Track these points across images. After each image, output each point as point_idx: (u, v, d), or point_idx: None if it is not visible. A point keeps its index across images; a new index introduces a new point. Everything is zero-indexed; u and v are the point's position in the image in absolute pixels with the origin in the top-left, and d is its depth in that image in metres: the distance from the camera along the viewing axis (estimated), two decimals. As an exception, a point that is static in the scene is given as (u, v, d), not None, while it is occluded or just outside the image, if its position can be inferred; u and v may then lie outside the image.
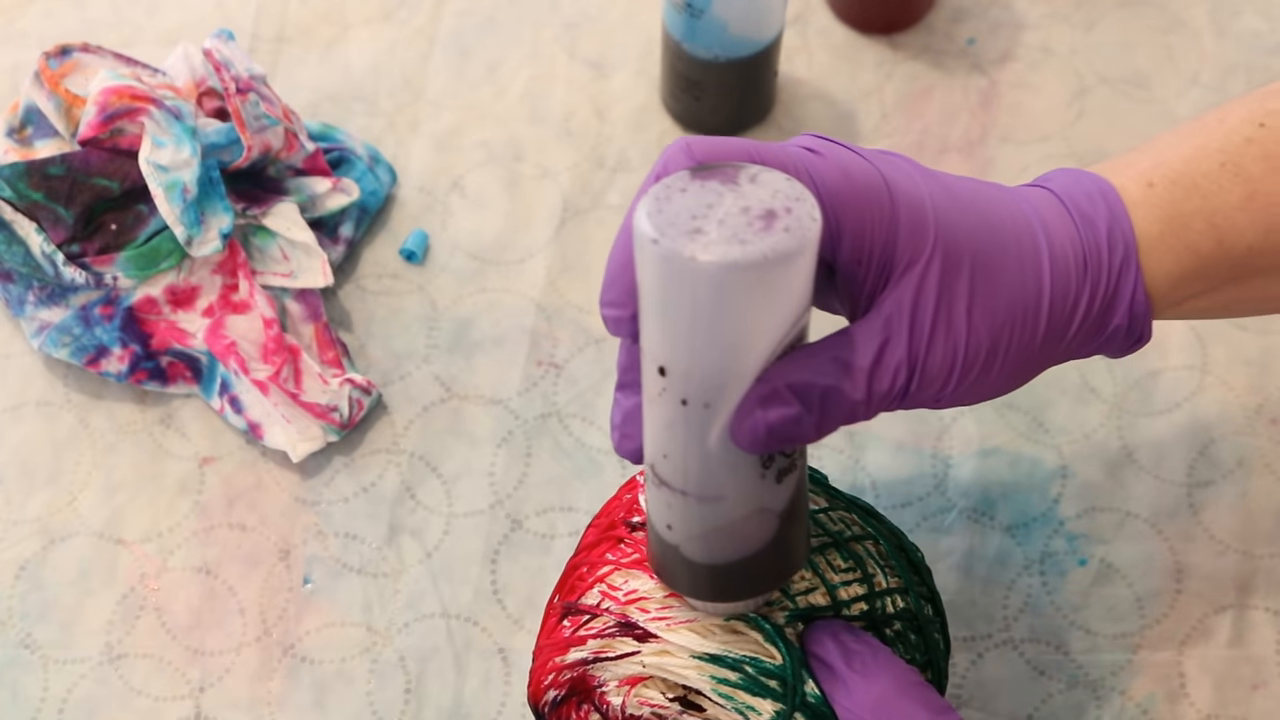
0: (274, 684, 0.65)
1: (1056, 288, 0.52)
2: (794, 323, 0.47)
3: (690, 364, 0.47)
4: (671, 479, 0.50)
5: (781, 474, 0.50)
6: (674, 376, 0.47)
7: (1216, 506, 0.67)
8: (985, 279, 0.52)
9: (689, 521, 0.51)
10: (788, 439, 0.49)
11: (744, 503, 0.50)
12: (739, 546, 0.51)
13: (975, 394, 0.53)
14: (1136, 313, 0.53)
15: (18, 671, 0.66)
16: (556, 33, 0.79)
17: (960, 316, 0.51)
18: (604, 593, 0.55)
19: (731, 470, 0.49)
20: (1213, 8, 0.79)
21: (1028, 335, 0.52)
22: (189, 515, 0.68)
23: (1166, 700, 0.64)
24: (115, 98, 0.69)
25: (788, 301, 0.46)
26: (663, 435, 0.49)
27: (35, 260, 0.69)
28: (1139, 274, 0.53)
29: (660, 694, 0.54)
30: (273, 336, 0.69)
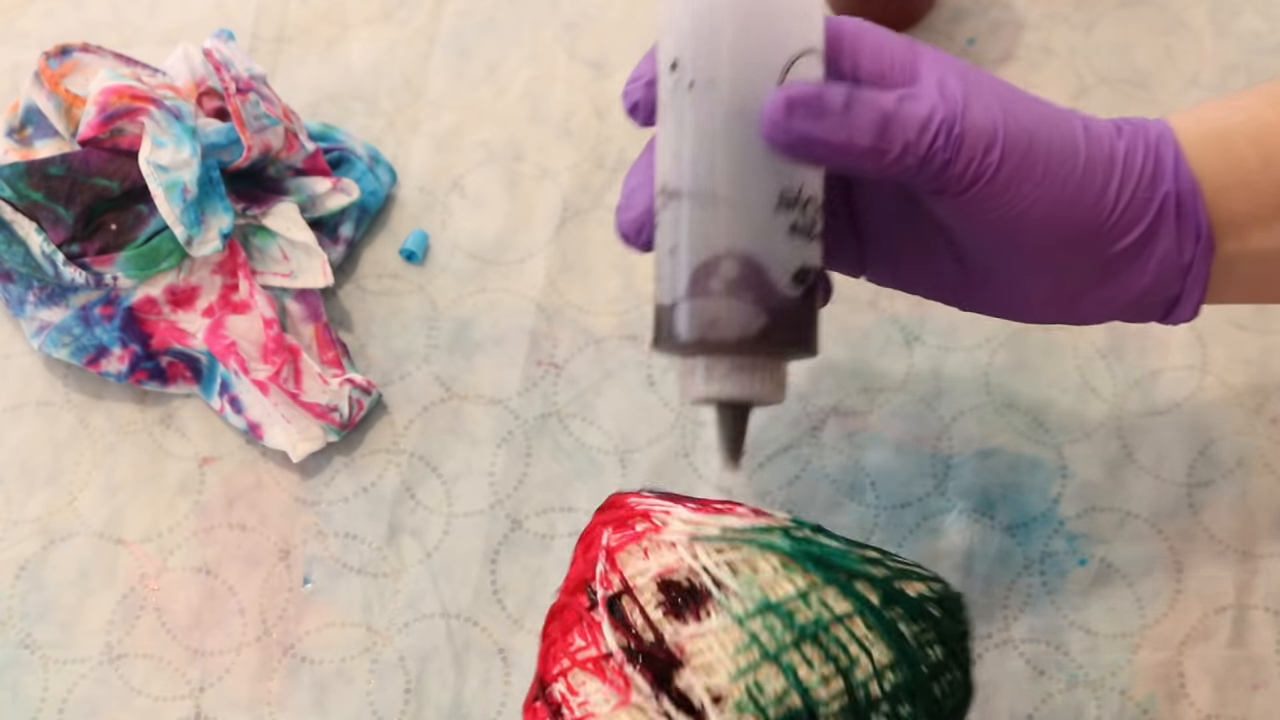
0: (274, 684, 0.65)
1: (1091, 129, 0.53)
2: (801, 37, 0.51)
3: (697, 40, 0.50)
4: (678, 181, 0.51)
5: (796, 229, 0.51)
6: (683, 64, 0.50)
7: (1216, 506, 0.67)
8: (1014, 98, 0.52)
9: (687, 229, 0.50)
10: (812, 118, 0.49)
11: (746, 222, 0.50)
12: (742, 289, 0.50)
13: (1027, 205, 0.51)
14: (1184, 187, 0.53)
15: (18, 671, 0.66)
16: (556, 33, 0.79)
17: (993, 100, 0.51)
18: (564, 694, 0.53)
19: (739, 170, 0.50)
20: (1213, 8, 0.79)
21: (1068, 145, 0.52)
22: (189, 515, 0.68)
23: (1166, 700, 0.64)
24: (115, 98, 0.69)
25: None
26: (676, 135, 0.51)
27: (35, 260, 0.69)
28: (1179, 151, 0.53)
29: None
30: (273, 336, 0.69)
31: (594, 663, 0.53)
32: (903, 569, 0.55)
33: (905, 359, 0.71)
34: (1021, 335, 0.71)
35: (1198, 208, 0.53)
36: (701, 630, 0.52)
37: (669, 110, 0.51)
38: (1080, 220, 0.52)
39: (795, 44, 0.51)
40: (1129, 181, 0.52)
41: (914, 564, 0.56)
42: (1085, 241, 0.53)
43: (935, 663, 0.54)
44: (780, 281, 0.50)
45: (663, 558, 0.54)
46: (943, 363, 0.70)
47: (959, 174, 0.51)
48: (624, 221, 0.54)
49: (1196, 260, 0.54)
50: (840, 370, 0.70)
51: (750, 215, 0.50)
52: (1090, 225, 0.52)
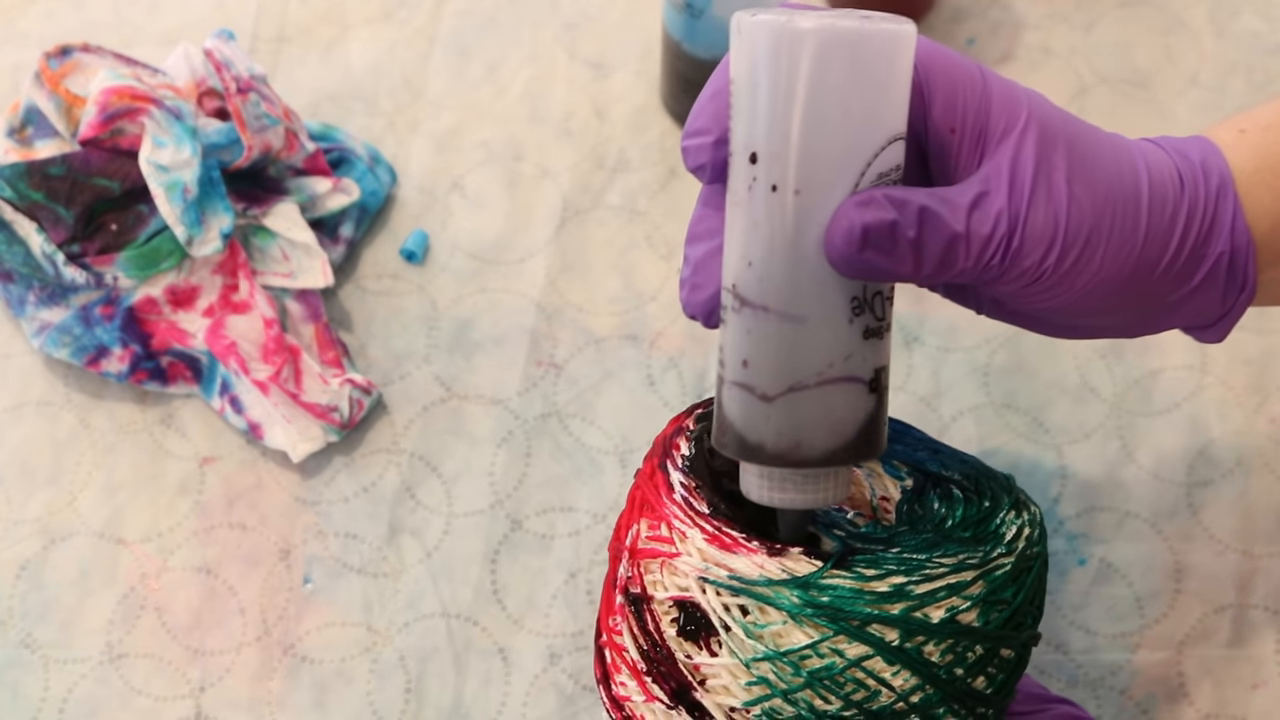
0: (274, 684, 0.65)
1: (1154, 186, 0.51)
2: (888, 129, 0.47)
3: (783, 142, 0.47)
4: (754, 293, 0.48)
5: (869, 332, 0.49)
6: (764, 161, 0.47)
7: (1216, 506, 0.68)
8: (1082, 158, 0.51)
9: (767, 348, 0.48)
10: (884, 251, 0.47)
11: (827, 339, 0.48)
12: (817, 403, 0.48)
13: (1084, 285, 0.51)
14: (1238, 244, 0.52)
15: (18, 671, 0.66)
16: (556, 33, 0.79)
17: (1060, 184, 0.50)
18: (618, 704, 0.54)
19: (819, 286, 0.48)
20: (1212, 8, 0.79)
21: (1129, 224, 0.51)
22: (189, 515, 0.68)
23: (1166, 700, 0.64)
24: (115, 98, 0.69)
25: (881, 91, 0.47)
26: (749, 238, 0.48)
27: (35, 260, 0.69)
28: (1238, 203, 0.52)
29: None
30: (273, 336, 0.69)
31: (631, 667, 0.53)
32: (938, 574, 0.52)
33: (905, 359, 0.71)
34: (1021, 335, 0.71)
35: (1249, 264, 0.52)
36: (712, 662, 0.51)
37: (742, 204, 0.48)
38: (1134, 293, 0.52)
39: (881, 137, 0.48)
40: (1185, 246, 0.52)
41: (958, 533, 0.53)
42: (1136, 305, 0.52)
43: (973, 662, 0.52)
44: (859, 392, 0.49)
45: (678, 581, 0.52)
46: (942, 363, 0.70)
47: (1015, 279, 0.50)
48: (694, 303, 0.51)
49: (1237, 305, 0.53)
50: (840, 370, 0.70)
51: (833, 335, 0.48)
52: (1143, 294, 0.52)
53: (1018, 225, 0.49)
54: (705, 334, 0.71)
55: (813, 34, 0.46)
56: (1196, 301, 0.53)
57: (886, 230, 0.47)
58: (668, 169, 0.75)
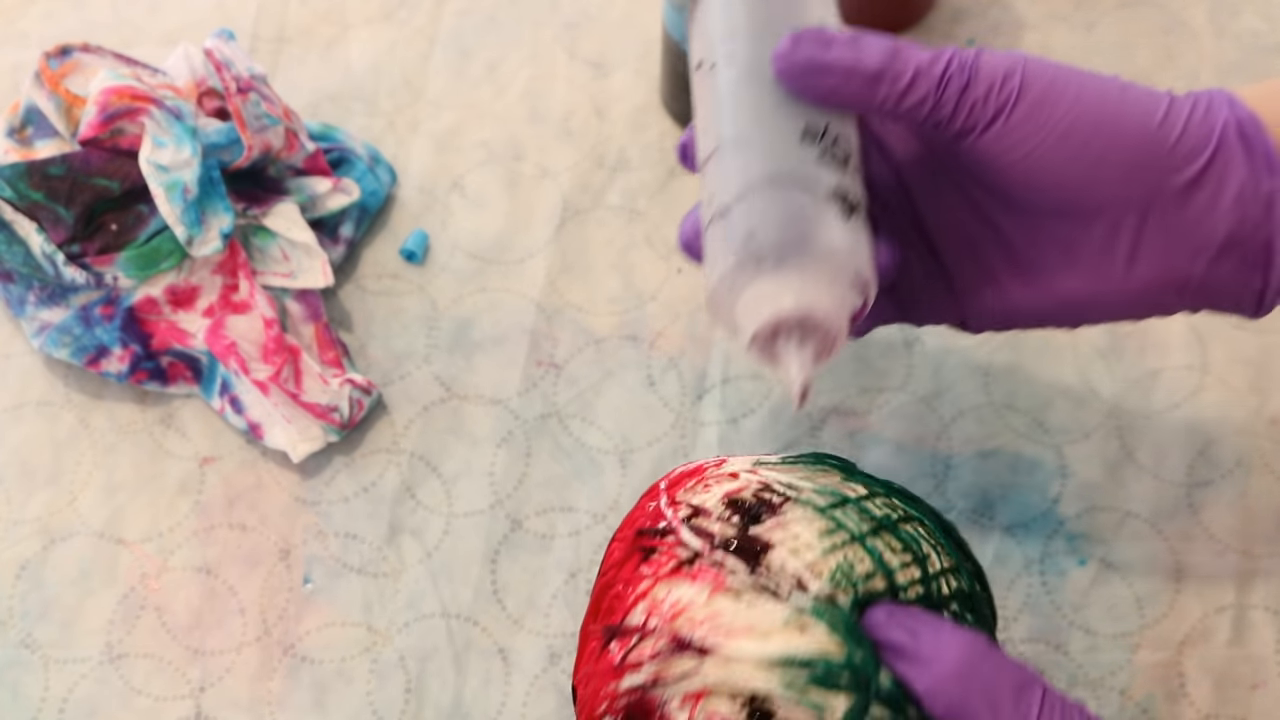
0: (274, 684, 0.65)
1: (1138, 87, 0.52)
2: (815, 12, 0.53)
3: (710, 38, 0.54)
4: (708, 145, 0.53)
5: (824, 155, 0.51)
6: (706, 57, 0.54)
7: (1216, 506, 0.68)
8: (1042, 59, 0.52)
9: (721, 174, 0.52)
10: (820, 47, 0.50)
11: (769, 149, 0.51)
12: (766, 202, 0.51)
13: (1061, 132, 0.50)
14: (1243, 115, 0.51)
15: (18, 671, 0.66)
16: (556, 33, 0.79)
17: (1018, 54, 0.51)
18: (648, 610, 0.53)
19: (760, 114, 0.52)
20: (1212, 8, 0.79)
21: (1104, 80, 0.51)
22: (189, 515, 0.68)
23: (1166, 700, 0.64)
24: (115, 98, 0.69)
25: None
26: (701, 114, 0.54)
27: (35, 260, 0.69)
28: (1234, 97, 0.52)
29: (728, 705, 0.51)
30: (273, 337, 0.69)
31: (674, 573, 0.53)
32: None
33: (905, 359, 0.71)
34: (1021, 335, 0.71)
35: (1264, 136, 0.51)
36: (783, 521, 0.52)
37: (700, 104, 0.54)
38: (1132, 143, 0.50)
39: (809, 18, 0.53)
40: (1179, 110, 0.51)
41: None
42: (1145, 168, 0.51)
43: (985, 585, 0.56)
44: (817, 195, 0.51)
45: (725, 485, 0.54)
46: (942, 363, 0.70)
47: (981, 99, 0.50)
48: (683, 231, 0.55)
49: (1276, 193, 0.51)
50: (840, 370, 0.70)
51: (777, 142, 0.52)
52: (1145, 149, 0.50)
53: (970, 56, 0.51)
54: (705, 334, 0.71)
55: None
56: (1229, 179, 0.51)
57: (816, 32, 0.51)
58: (668, 169, 0.75)
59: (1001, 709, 0.50)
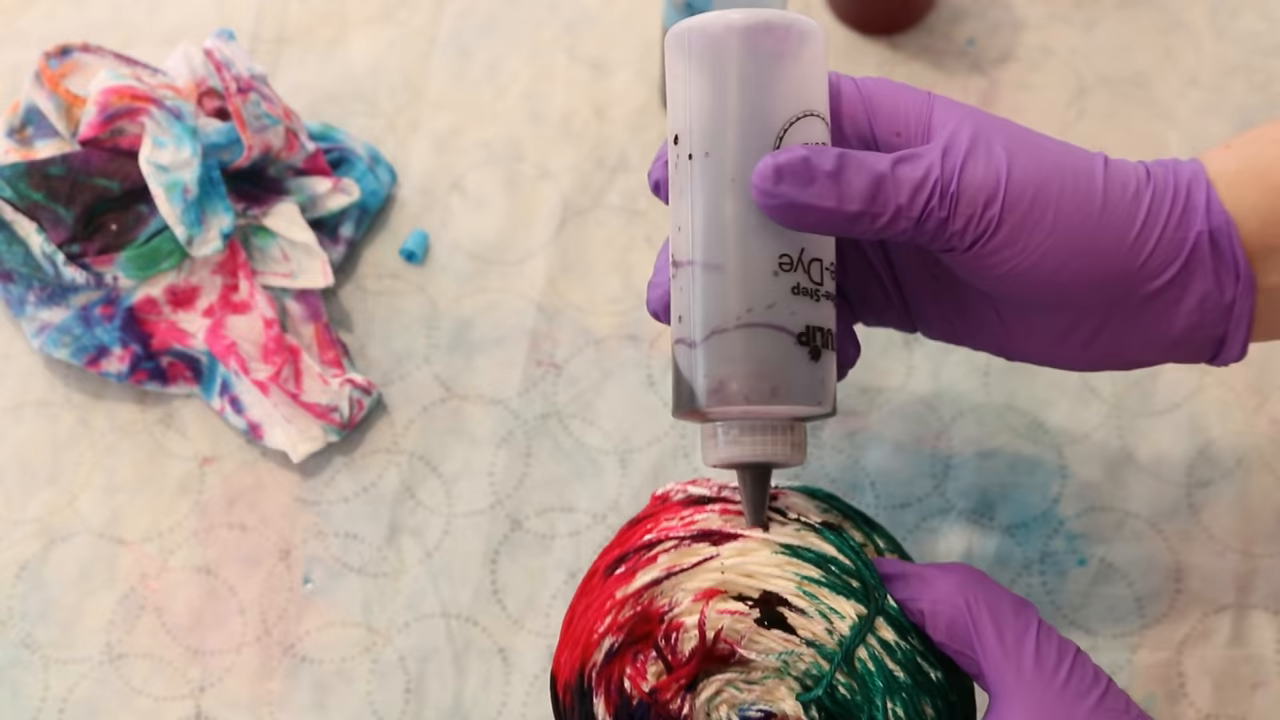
0: (274, 684, 0.65)
1: (1112, 172, 0.52)
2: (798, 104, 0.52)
3: (693, 116, 0.52)
4: (682, 252, 0.53)
5: (800, 290, 0.52)
6: (683, 136, 0.52)
7: (1216, 506, 0.67)
8: (1025, 141, 0.52)
9: (693, 297, 0.52)
10: (801, 185, 0.50)
11: (746, 285, 0.52)
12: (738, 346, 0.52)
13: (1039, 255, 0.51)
14: (1216, 223, 0.52)
15: (18, 671, 0.66)
16: (556, 33, 0.79)
17: (999, 152, 0.51)
18: (661, 531, 0.54)
19: (738, 238, 0.52)
20: (1212, 8, 0.79)
21: (1084, 193, 0.51)
22: (189, 515, 0.68)
23: (1166, 700, 0.64)
24: (115, 98, 0.69)
25: (780, 64, 0.52)
26: (677, 206, 0.53)
27: (35, 260, 0.69)
28: (1211, 191, 0.52)
29: (740, 604, 0.52)
30: (273, 337, 0.69)
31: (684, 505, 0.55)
32: None
33: (905, 359, 0.71)
34: (1021, 335, 0.71)
35: (1234, 245, 0.52)
36: (781, 493, 0.55)
37: (674, 183, 0.53)
38: (1105, 264, 0.52)
39: (790, 108, 0.52)
40: (1155, 222, 0.52)
41: None
42: (1115, 285, 0.52)
43: None
44: (785, 342, 0.52)
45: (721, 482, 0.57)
46: (942, 363, 0.70)
47: (959, 231, 0.51)
48: (652, 299, 0.55)
49: (1239, 299, 0.52)
50: (840, 370, 0.70)
51: (751, 281, 0.52)
52: (1117, 268, 0.52)
53: (953, 176, 0.51)
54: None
55: (708, 24, 0.52)
56: (1193, 290, 0.52)
57: (799, 164, 0.50)
58: (668, 169, 0.75)
59: (1003, 622, 0.52)
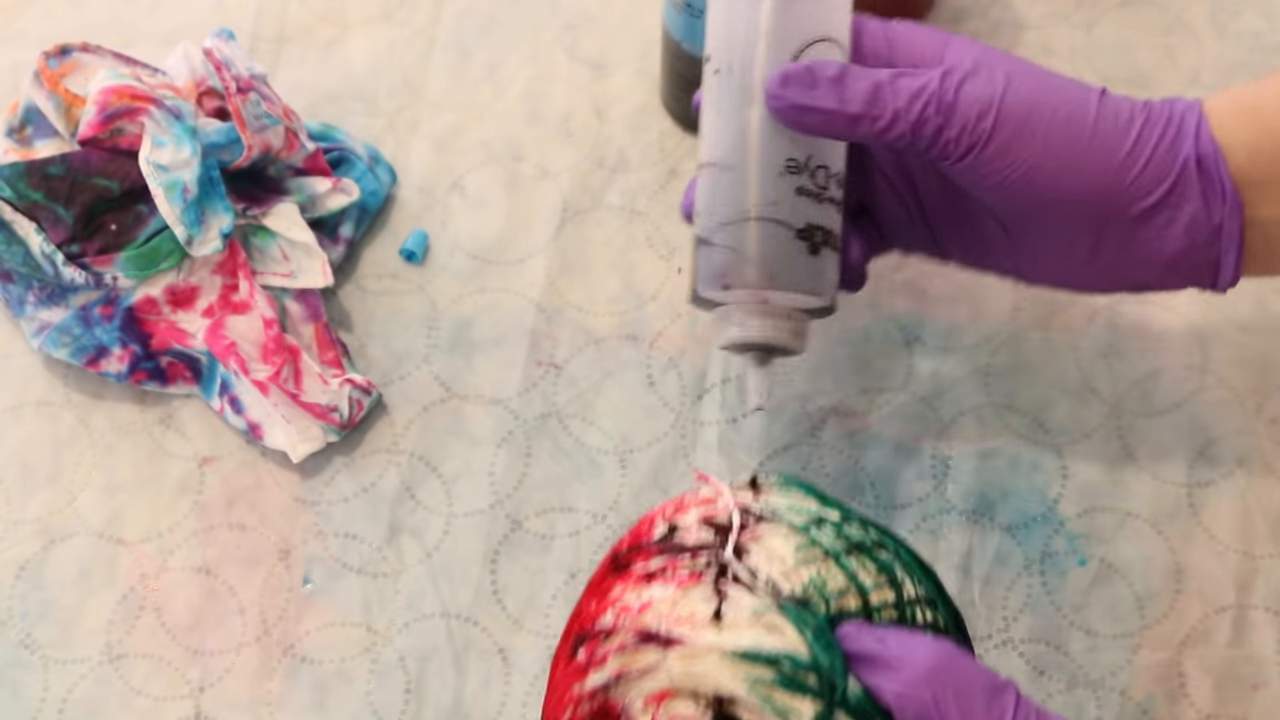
0: (274, 684, 0.65)
1: (1106, 102, 0.56)
2: (813, 29, 0.57)
3: (719, 37, 0.58)
4: (705, 153, 0.58)
5: (803, 191, 0.57)
6: (712, 57, 0.58)
7: (1216, 506, 0.67)
8: (1028, 70, 0.56)
9: (707, 194, 0.58)
10: (805, 88, 0.55)
11: (753, 184, 0.57)
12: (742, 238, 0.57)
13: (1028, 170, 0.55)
14: (1205, 149, 0.55)
15: (18, 671, 0.66)
16: (556, 33, 0.79)
17: (999, 75, 0.56)
18: (618, 613, 0.53)
19: (750, 142, 0.57)
20: (1213, 8, 0.79)
21: (1076, 116, 0.55)
22: (189, 515, 0.68)
23: (1166, 700, 0.64)
24: (115, 97, 0.69)
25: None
26: (704, 115, 0.59)
27: (35, 260, 0.69)
28: (1203, 120, 0.55)
29: (692, 706, 0.50)
30: (273, 337, 0.69)
31: (646, 578, 0.53)
32: None
33: (905, 359, 0.71)
34: (1021, 335, 0.71)
35: (1220, 169, 0.55)
36: (758, 535, 0.53)
37: (705, 97, 0.59)
38: (1095, 178, 0.55)
39: (808, 32, 0.57)
40: (1146, 143, 0.55)
41: None
42: (1106, 199, 0.55)
43: (963, 628, 0.55)
44: (785, 236, 0.57)
45: (703, 508, 0.55)
46: (942, 363, 0.70)
47: (954, 139, 0.55)
48: (685, 203, 0.61)
49: (1226, 220, 0.55)
50: (840, 370, 0.70)
51: (759, 179, 0.57)
52: (1107, 183, 0.55)
53: (951, 89, 0.55)
54: (705, 334, 0.71)
55: None
56: (1182, 209, 0.55)
57: (804, 71, 0.55)
58: (668, 169, 0.75)
59: (974, 713, 0.49)
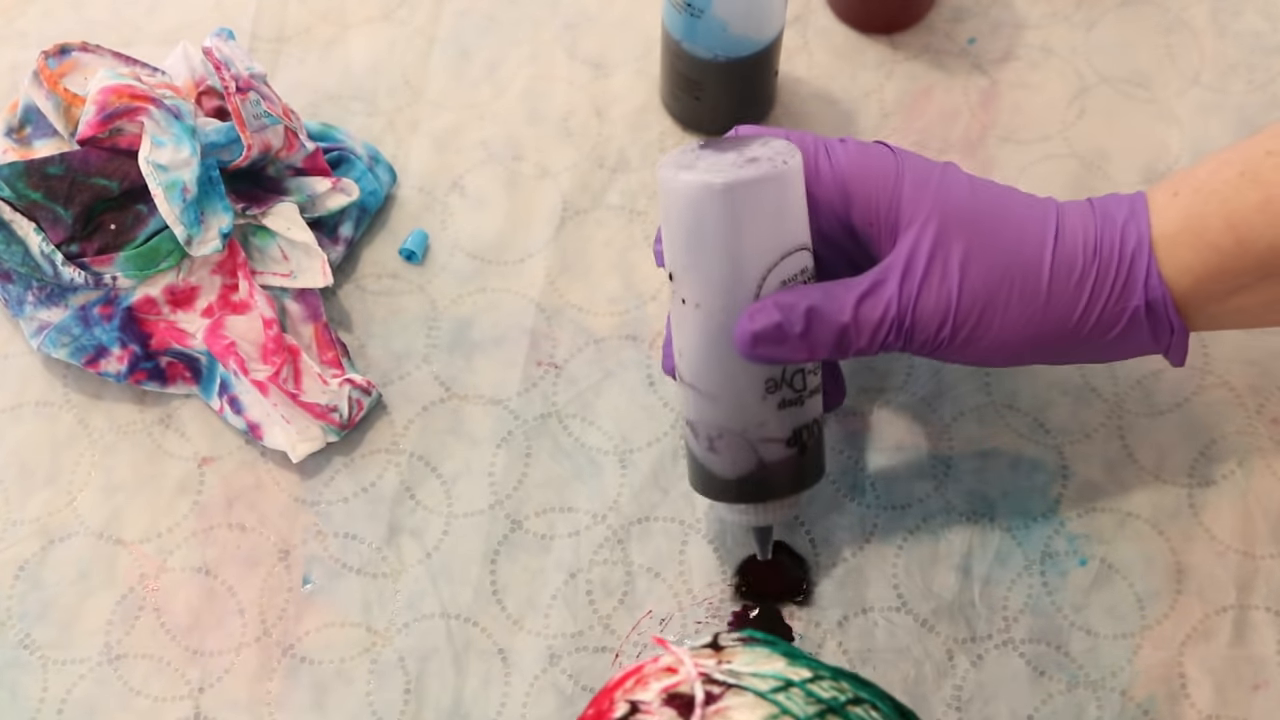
0: (273, 684, 0.65)
1: (1060, 257, 0.58)
2: (780, 245, 0.58)
3: (681, 268, 0.59)
4: (684, 373, 0.61)
5: (786, 403, 0.60)
6: (676, 280, 0.59)
7: (1217, 507, 0.67)
8: (982, 241, 0.58)
9: (695, 413, 0.61)
10: (775, 346, 0.58)
11: (740, 412, 0.60)
12: (747, 458, 0.61)
13: (986, 349, 0.59)
14: (1153, 297, 0.58)
15: (17, 672, 0.65)
16: (556, 33, 0.79)
17: (954, 268, 0.58)
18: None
19: (729, 374, 0.59)
20: (1213, 7, 0.78)
21: (1029, 294, 0.58)
22: (188, 515, 0.68)
23: (1167, 700, 0.64)
24: (114, 97, 0.69)
25: (762, 220, 0.57)
26: (677, 335, 0.60)
27: (34, 260, 0.69)
28: (1152, 260, 0.58)
29: None
30: (272, 337, 0.68)
31: None
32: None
33: (905, 359, 0.70)
34: (1022, 335, 0.71)
35: (1169, 312, 0.58)
36: (723, 709, 0.50)
37: (672, 308, 0.60)
38: (1050, 341, 0.58)
39: (769, 258, 0.58)
40: (1097, 302, 0.58)
41: None
42: (1059, 352, 0.60)
43: None
44: (775, 448, 0.61)
45: (664, 680, 0.53)
46: (943, 364, 0.70)
47: (916, 349, 0.59)
48: (666, 367, 0.64)
49: (1173, 346, 0.60)
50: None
51: (742, 406, 0.60)
52: (1061, 342, 0.59)
53: (908, 309, 0.58)
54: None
55: (683, 186, 0.57)
56: (1128, 344, 0.59)
57: (773, 331, 0.57)
58: (668, 169, 0.75)
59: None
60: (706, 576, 0.67)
